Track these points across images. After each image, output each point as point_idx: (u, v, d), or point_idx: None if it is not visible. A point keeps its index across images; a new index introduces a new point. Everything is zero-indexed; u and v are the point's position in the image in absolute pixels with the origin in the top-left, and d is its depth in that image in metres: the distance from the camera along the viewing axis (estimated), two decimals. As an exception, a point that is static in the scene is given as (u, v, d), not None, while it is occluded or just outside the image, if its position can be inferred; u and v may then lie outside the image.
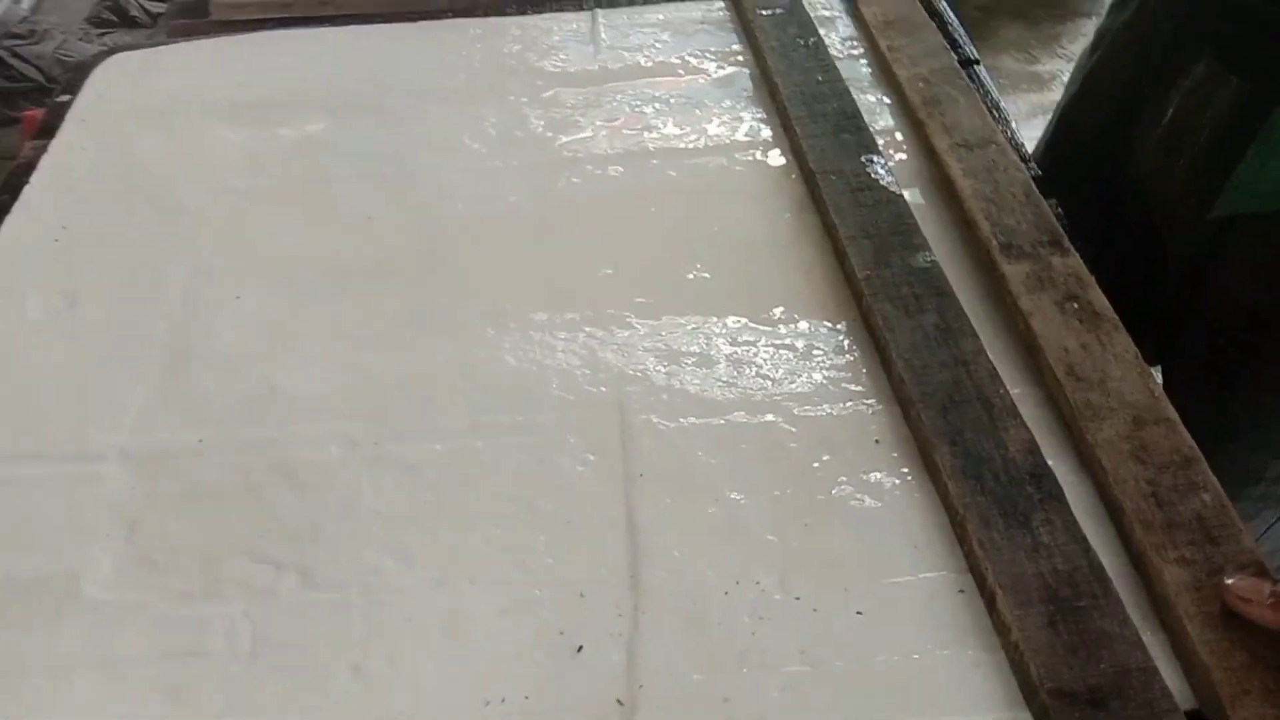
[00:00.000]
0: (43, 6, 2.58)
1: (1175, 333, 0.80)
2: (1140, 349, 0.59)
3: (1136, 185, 0.78)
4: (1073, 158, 0.83)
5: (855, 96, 0.79)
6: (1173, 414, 0.55)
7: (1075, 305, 0.61)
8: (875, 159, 0.72)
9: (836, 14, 0.92)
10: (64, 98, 0.88)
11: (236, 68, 0.88)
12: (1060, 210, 0.70)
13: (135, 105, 0.85)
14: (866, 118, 0.77)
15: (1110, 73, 0.81)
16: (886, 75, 0.83)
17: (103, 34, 2.24)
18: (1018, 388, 0.59)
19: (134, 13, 2.43)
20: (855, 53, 0.86)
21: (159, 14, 2.42)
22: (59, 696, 0.48)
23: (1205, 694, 0.45)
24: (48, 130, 0.85)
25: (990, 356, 0.59)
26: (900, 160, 0.75)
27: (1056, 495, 0.51)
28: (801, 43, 0.85)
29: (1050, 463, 0.53)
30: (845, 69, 0.83)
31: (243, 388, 0.62)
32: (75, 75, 0.91)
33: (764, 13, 0.88)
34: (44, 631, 0.50)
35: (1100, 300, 0.61)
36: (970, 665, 0.47)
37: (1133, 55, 0.77)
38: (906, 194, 0.70)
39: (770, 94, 0.82)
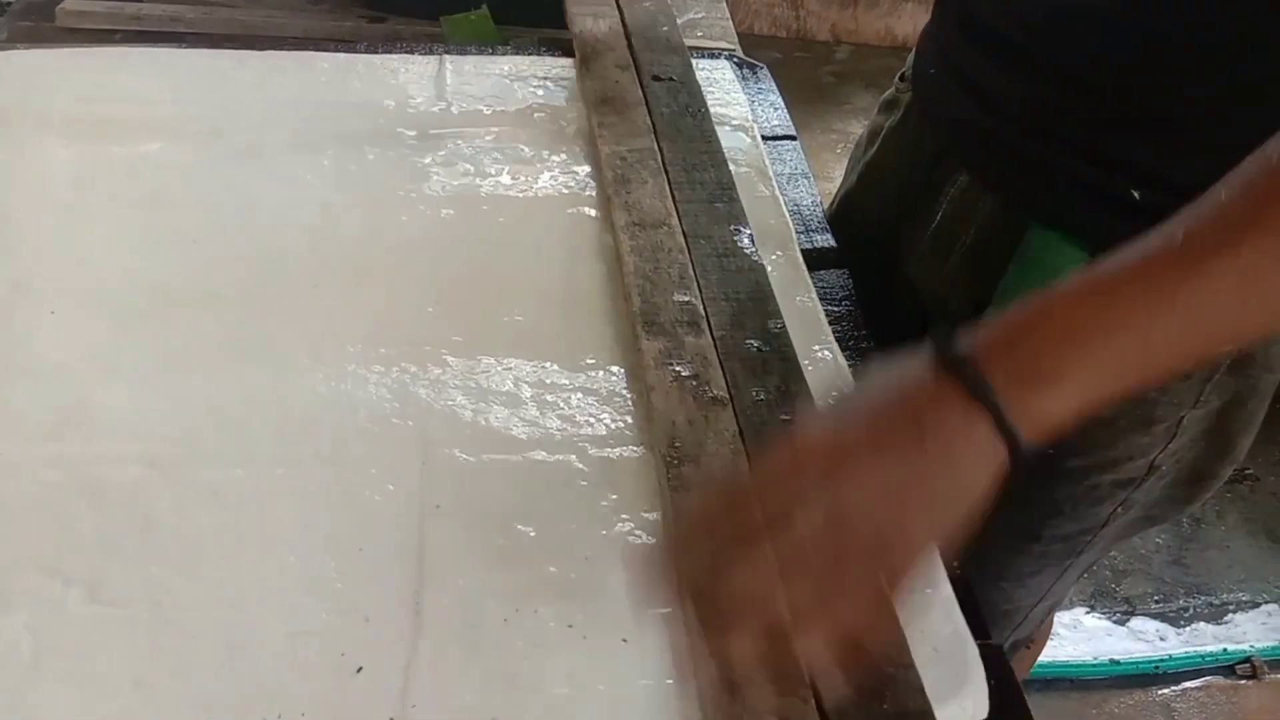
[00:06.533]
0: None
1: None
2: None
3: (908, 278, 0.83)
4: (855, 239, 0.88)
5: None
6: None
7: (694, 383, 0.65)
8: (743, 229, 0.77)
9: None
10: (-113, 95, 0.87)
11: (74, 82, 0.88)
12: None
13: (-37, 110, 0.84)
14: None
15: (884, 170, 0.86)
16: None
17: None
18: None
19: (-19, 1, 2.34)
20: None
21: (6, 3, 2.34)
22: None
23: None
24: None
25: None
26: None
27: None
28: (690, 113, 0.89)
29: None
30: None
31: (50, 403, 0.62)
32: (-98, 73, 0.89)
33: (659, 79, 0.92)
34: None
35: (718, 380, 0.65)
36: (717, 692, 0.52)
37: (904, 157, 0.83)
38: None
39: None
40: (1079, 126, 0.67)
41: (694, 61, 0.96)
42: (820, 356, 0.71)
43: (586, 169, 0.86)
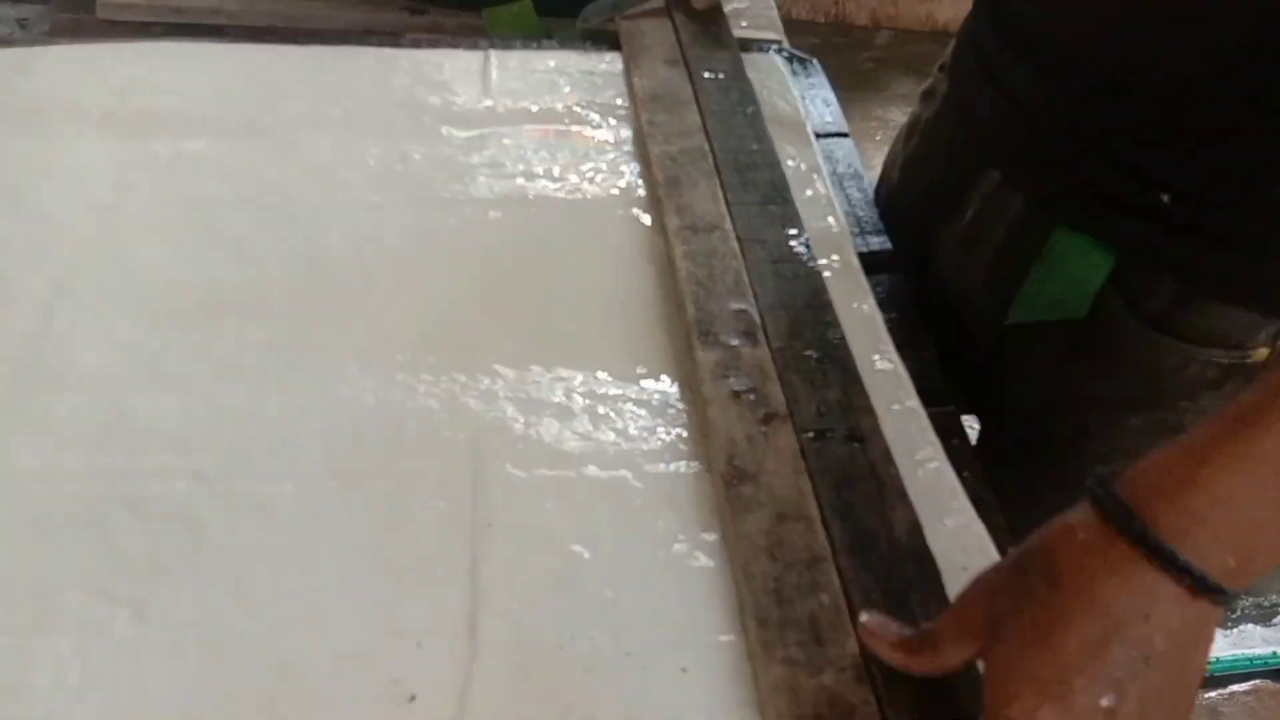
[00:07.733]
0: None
1: (980, 408, 0.84)
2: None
3: (940, 276, 0.81)
4: (894, 235, 0.85)
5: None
6: (814, 512, 0.57)
7: (752, 397, 0.62)
8: (798, 233, 0.74)
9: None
10: (-73, 91, 0.86)
11: (115, 76, 0.86)
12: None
13: (2, 106, 0.83)
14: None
15: (923, 163, 0.84)
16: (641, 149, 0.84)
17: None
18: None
19: (20, -13, 2.34)
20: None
21: (46, -7, 2.34)
22: None
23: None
24: (-94, 123, 0.82)
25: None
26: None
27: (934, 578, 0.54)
28: (741, 110, 0.86)
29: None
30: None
31: (93, 413, 0.61)
32: (-58, 68, 0.88)
33: (707, 76, 0.90)
34: None
35: (776, 395, 0.63)
36: (782, 727, 0.50)
37: (939, 152, 0.80)
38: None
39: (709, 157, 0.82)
40: (1109, 132, 0.65)
41: (744, 56, 0.93)
42: (880, 367, 0.69)
43: (636, 169, 0.84)
